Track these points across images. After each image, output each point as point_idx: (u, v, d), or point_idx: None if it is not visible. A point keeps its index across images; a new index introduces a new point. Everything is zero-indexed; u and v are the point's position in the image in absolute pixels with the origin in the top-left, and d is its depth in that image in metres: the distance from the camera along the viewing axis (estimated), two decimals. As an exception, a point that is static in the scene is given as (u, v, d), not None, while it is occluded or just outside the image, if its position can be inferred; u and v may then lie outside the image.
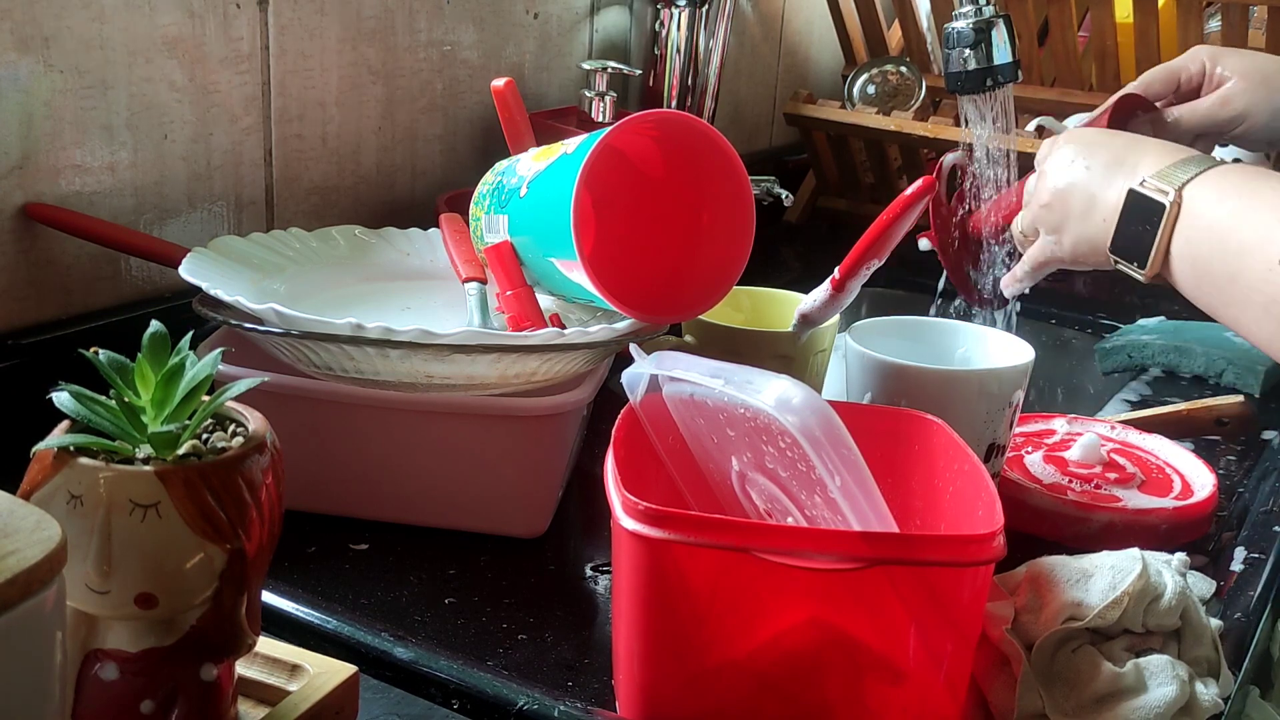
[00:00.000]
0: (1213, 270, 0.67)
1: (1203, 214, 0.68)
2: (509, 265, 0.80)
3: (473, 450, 0.74)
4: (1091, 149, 0.78)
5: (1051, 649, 0.59)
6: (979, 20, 0.94)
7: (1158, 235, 0.70)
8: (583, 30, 1.24)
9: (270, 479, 0.45)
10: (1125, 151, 0.76)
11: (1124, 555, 0.62)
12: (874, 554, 0.52)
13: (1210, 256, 0.68)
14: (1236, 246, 0.66)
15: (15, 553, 0.36)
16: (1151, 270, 0.71)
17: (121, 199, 0.84)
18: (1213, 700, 0.58)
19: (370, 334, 0.68)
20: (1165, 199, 0.70)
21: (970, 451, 0.63)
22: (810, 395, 0.53)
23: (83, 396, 0.44)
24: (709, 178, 0.79)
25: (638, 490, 0.53)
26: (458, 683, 0.57)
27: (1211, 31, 1.40)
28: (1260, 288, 0.64)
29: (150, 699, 0.45)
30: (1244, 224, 0.66)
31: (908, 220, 0.75)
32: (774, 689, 0.55)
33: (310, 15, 0.94)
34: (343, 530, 0.76)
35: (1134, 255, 0.72)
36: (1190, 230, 0.69)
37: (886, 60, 1.51)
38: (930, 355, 0.80)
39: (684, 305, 0.79)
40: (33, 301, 0.81)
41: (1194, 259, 0.69)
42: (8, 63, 0.76)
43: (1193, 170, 0.70)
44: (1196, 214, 0.69)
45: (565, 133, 0.91)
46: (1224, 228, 0.67)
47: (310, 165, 0.98)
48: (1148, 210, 0.71)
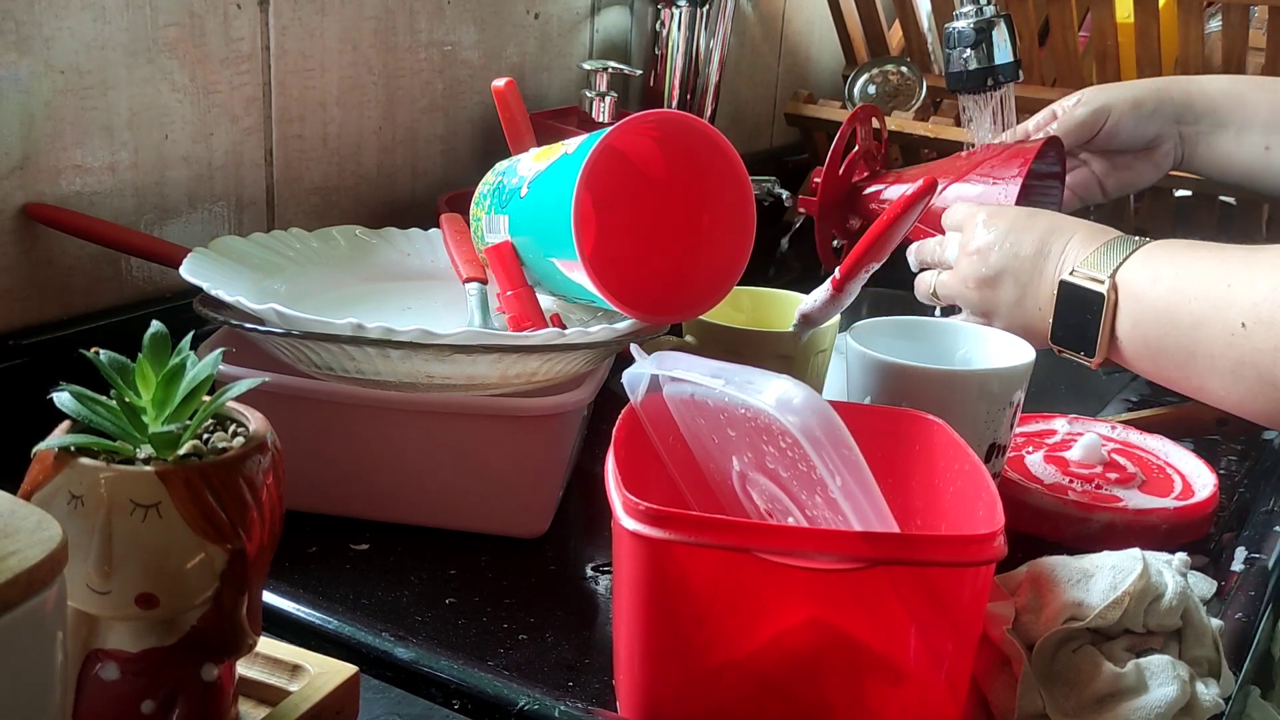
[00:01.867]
0: (1168, 348, 0.68)
1: (1143, 296, 0.69)
2: (510, 265, 0.80)
3: (473, 450, 0.75)
4: (1016, 234, 0.78)
5: (1052, 649, 0.59)
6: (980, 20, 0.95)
7: (1100, 325, 0.71)
8: (583, 30, 1.24)
9: (271, 479, 0.45)
10: (1049, 236, 0.76)
11: (1125, 555, 0.62)
12: (875, 554, 0.52)
13: (1163, 336, 0.68)
14: (1189, 321, 0.66)
15: (16, 553, 0.36)
16: (1099, 358, 0.72)
17: (122, 199, 0.85)
18: (1214, 700, 0.58)
19: (371, 334, 0.68)
20: (1101, 288, 0.71)
21: (971, 452, 0.63)
22: (811, 395, 0.53)
23: (83, 397, 0.44)
24: (710, 178, 0.79)
25: (638, 490, 0.53)
26: (458, 683, 0.57)
27: (1212, 31, 1.40)
28: (1225, 353, 0.64)
29: (151, 699, 0.45)
30: (1190, 298, 0.66)
31: (908, 221, 0.75)
32: (775, 689, 0.55)
33: (311, 15, 0.94)
34: (343, 530, 0.76)
35: (1079, 345, 0.73)
36: (1135, 314, 0.70)
37: (887, 60, 1.51)
38: (931, 355, 0.80)
39: (685, 305, 0.79)
40: (33, 302, 0.81)
41: (1145, 340, 0.70)
42: (8, 63, 0.76)
43: (1122, 253, 0.71)
44: (1137, 297, 0.69)
45: (566, 133, 0.91)
46: (1170, 305, 0.68)
47: (311, 165, 0.98)
48: (1085, 301, 0.71)
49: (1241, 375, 0.64)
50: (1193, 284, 0.67)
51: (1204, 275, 0.67)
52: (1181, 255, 0.70)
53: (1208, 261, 0.67)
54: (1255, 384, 0.64)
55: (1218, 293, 0.65)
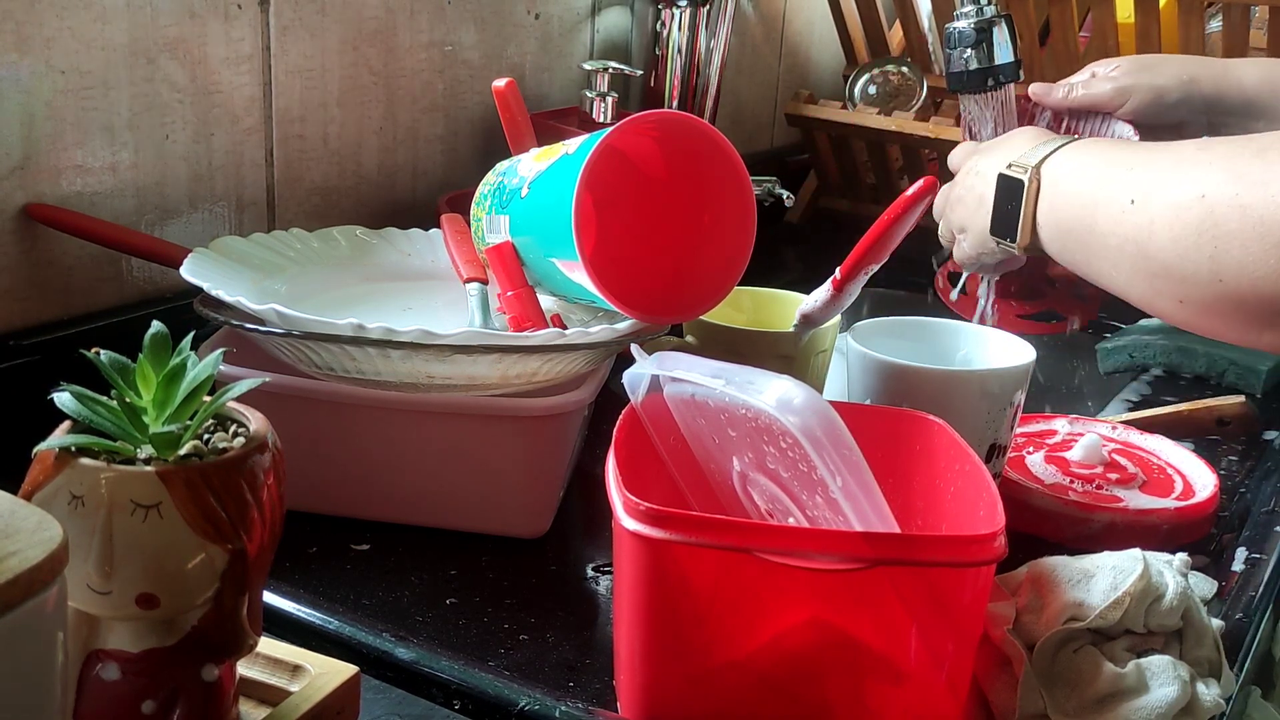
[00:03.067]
0: (1074, 229, 0.73)
1: (1059, 181, 0.75)
2: (510, 266, 0.80)
3: (474, 451, 0.74)
4: (986, 154, 0.84)
5: (1053, 649, 0.59)
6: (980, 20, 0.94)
7: (1021, 208, 0.76)
8: (584, 31, 1.24)
9: (271, 479, 0.45)
10: (1004, 146, 0.83)
11: (1125, 555, 0.62)
12: (875, 554, 0.52)
13: (1070, 216, 0.73)
14: (1091, 200, 0.71)
15: (17, 553, 0.36)
16: (1021, 241, 0.77)
17: (123, 199, 0.85)
18: (1214, 701, 0.58)
19: (371, 334, 0.68)
20: (1024, 175, 0.76)
21: (971, 452, 0.63)
22: (811, 395, 0.53)
23: (84, 397, 0.44)
24: (710, 178, 0.78)
25: (639, 490, 0.53)
26: (459, 683, 0.57)
27: (1213, 31, 1.40)
28: (1114, 230, 0.68)
29: (151, 699, 0.45)
30: (1098, 182, 0.71)
31: (909, 221, 0.75)
32: (775, 689, 0.55)
33: (311, 16, 0.94)
34: (344, 531, 0.76)
35: (1007, 232, 0.78)
36: (1051, 199, 0.75)
37: (888, 60, 1.51)
38: (931, 356, 0.80)
39: (685, 305, 0.79)
40: (34, 302, 0.81)
41: (1057, 223, 0.75)
42: (9, 63, 0.76)
43: (1050, 148, 0.77)
44: (1054, 182, 0.75)
45: (566, 133, 0.91)
46: (1080, 190, 0.73)
47: (311, 166, 0.98)
48: (1013, 189, 0.77)
49: (1124, 251, 0.67)
50: (1102, 170, 0.71)
51: (1114, 162, 0.71)
52: (1103, 148, 0.74)
53: (1124, 152, 0.72)
54: (1135, 259, 0.67)
55: (1120, 175, 0.69)
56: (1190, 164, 0.64)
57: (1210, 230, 0.61)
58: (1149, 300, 0.68)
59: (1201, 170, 0.63)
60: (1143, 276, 0.67)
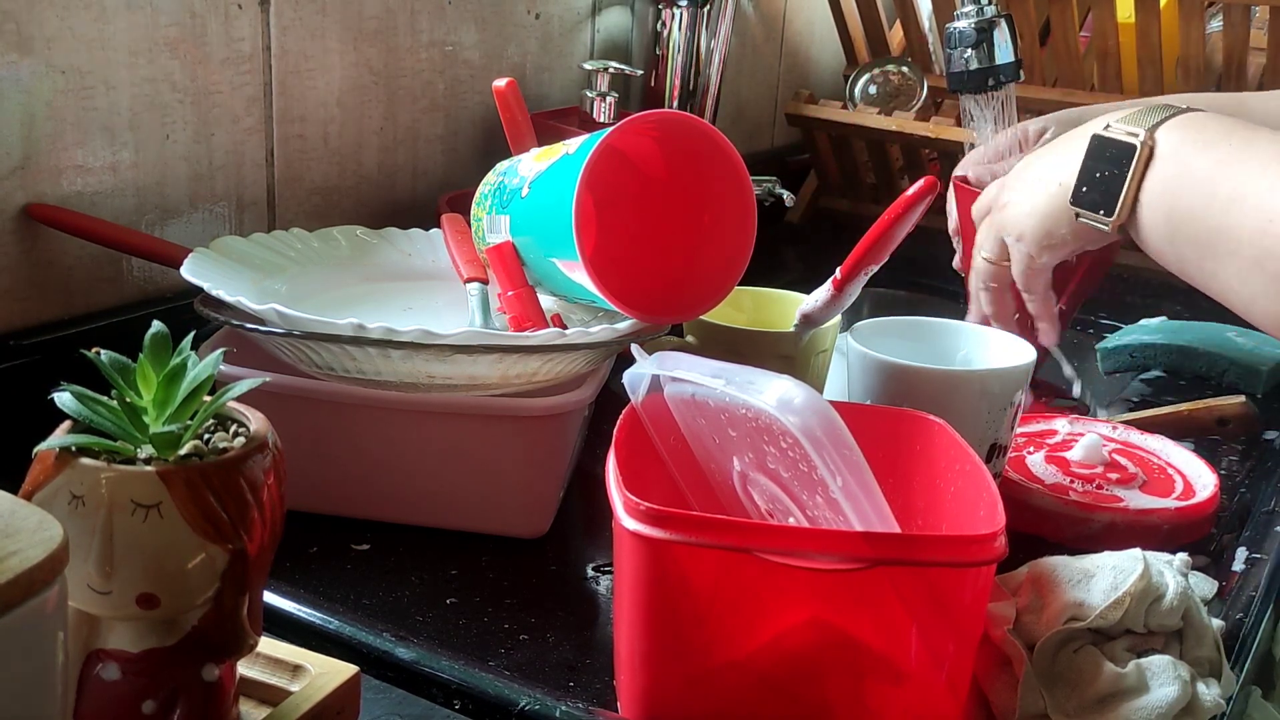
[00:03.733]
0: (1195, 219, 0.62)
1: (1184, 159, 0.63)
2: (510, 265, 0.80)
3: (474, 451, 0.75)
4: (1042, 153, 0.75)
5: (1053, 649, 0.59)
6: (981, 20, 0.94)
7: (1128, 178, 0.65)
8: (584, 30, 1.24)
9: (272, 479, 0.45)
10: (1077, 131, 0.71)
11: (1126, 555, 0.62)
12: (876, 554, 0.52)
13: (1193, 205, 0.62)
14: (1227, 195, 0.60)
15: (17, 553, 0.36)
16: (1119, 218, 0.66)
17: (123, 199, 0.85)
18: (1215, 701, 0.58)
19: (372, 334, 0.68)
20: (1135, 140, 0.65)
21: (972, 452, 0.63)
22: (812, 395, 0.53)
23: (84, 397, 0.44)
24: (710, 178, 0.79)
25: (639, 490, 0.53)
26: (459, 683, 0.57)
27: (1213, 32, 1.40)
28: (1255, 240, 0.59)
29: (152, 699, 0.45)
30: (1237, 173, 0.60)
31: (909, 221, 0.75)
32: (775, 689, 0.55)
33: (312, 15, 0.94)
34: (344, 530, 0.76)
35: (1099, 204, 0.67)
36: (1166, 176, 0.64)
37: (888, 60, 1.51)
38: (932, 355, 0.80)
39: (685, 305, 0.79)
40: (34, 302, 0.81)
41: (1171, 207, 0.64)
42: (9, 63, 0.76)
43: (1164, 114, 0.66)
44: (1175, 158, 0.64)
45: (567, 133, 0.91)
46: (1210, 176, 0.62)
47: (312, 165, 0.98)
48: (1116, 153, 0.65)
49: (1264, 266, 0.58)
50: (1241, 160, 0.60)
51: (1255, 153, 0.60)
52: (1238, 129, 0.63)
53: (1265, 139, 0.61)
54: (1275, 279, 0.58)
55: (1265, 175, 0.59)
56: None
57: None
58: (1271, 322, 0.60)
59: None
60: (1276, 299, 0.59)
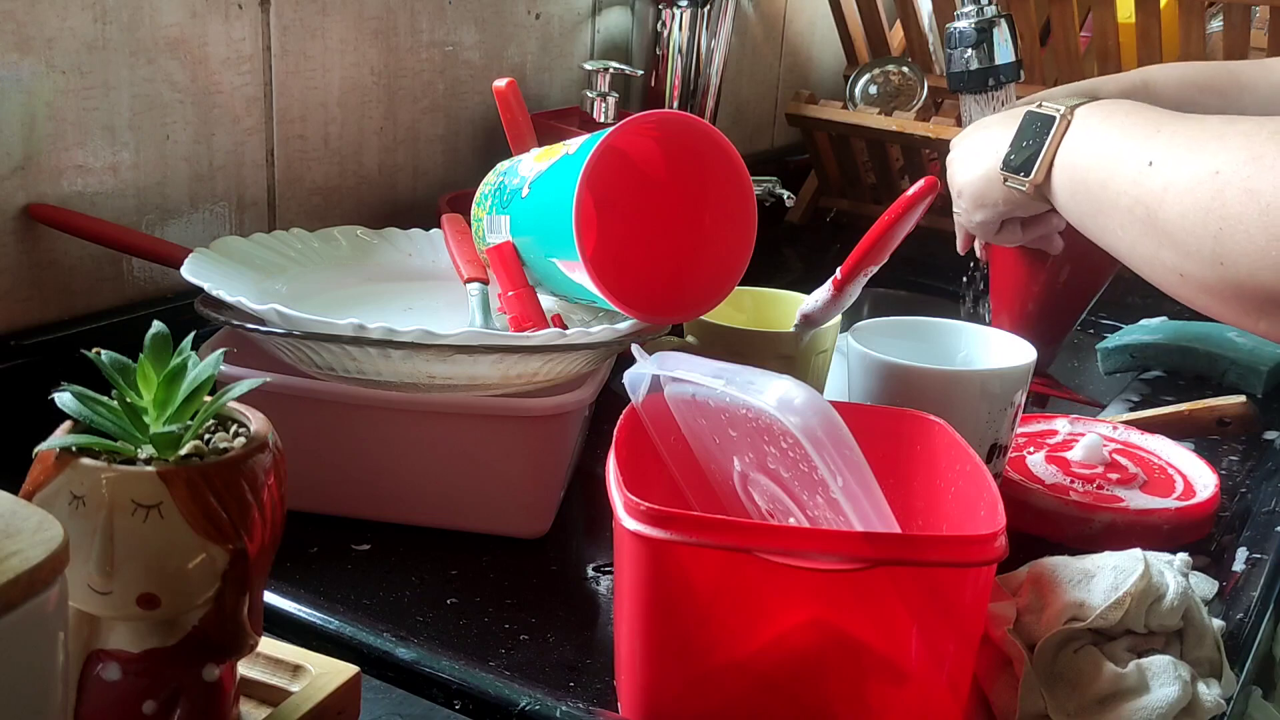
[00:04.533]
0: (1088, 178, 0.72)
1: (1089, 127, 0.73)
2: (511, 266, 0.80)
3: (475, 451, 0.75)
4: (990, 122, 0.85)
5: (1054, 649, 0.59)
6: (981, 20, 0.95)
7: (1046, 144, 0.75)
8: (584, 31, 1.24)
9: (272, 479, 0.45)
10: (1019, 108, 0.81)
11: (1126, 556, 0.62)
12: (876, 554, 0.52)
13: (1088, 165, 0.72)
14: (1113, 154, 0.70)
15: (18, 553, 0.36)
16: (1036, 178, 0.76)
17: (124, 199, 0.85)
18: (1215, 701, 0.58)
19: (372, 334, 0.68)
20: (1056, 113, 0.75)
21: (972, 452, 0.63)
22: (812, 396, 0.53)
23: (85, 397, 0.44)
24: (711, 178, 0.79)
25: (640, 491, 0.53)
26: (460, 683, 0.57)
27: (1213, 32, 1.40)
28: (1128, 190, 0.67)
29: (152, 699, 0.45)
30: (1125, 137, 0.70)
31: (910, 221, 0.75)
32: (776, 689, 0.55)
33: (312, 15, 0.94)
34: (344, 531, 0.76)
35: (1022, 167, 0.77)
36: (1076, 143, 0.74)
37: (888, 60, 1.51)
38: (932, 356, 0.80)
39: (686, 306, 0.79)
40: (35, 302, 0.81)
41: (1073, 166, 0.74)
42: (10, 63, 0.76)
43: (1088, 98, 0.76)
44: (1085, 128, 0.74)
45: (567, 133, 0.91)
46: (1106, 140, 0.71)
47: (312, 166, 0.98)
48: (1041, 125, 0.76)
49: (1134, 214, 0.66)
50: (1133, 127, 0.70)
51: (1145, 121, 0.70)
52: (1142, 110, 0.73)
53: (1156, 116, 0.70)
54: (1144, 223, 0.66)
55: (1147, 134, 0.68)
56: (1213, 136, 0.63)
57: (1219, 210, 0.60)
58: (1149, 268, 0.67)
59: (1220, 144, 0.62)
60: (1148, 243, 0.66)
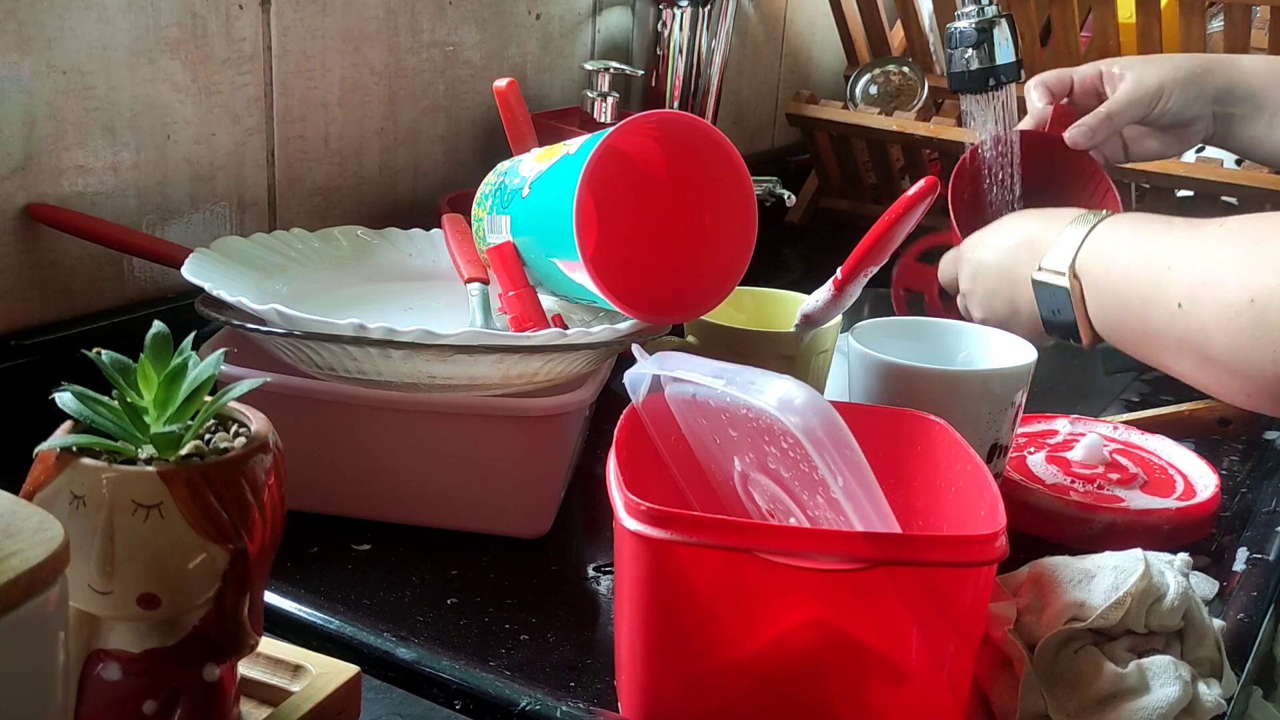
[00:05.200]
0: (1128, 328, 0.73)
1: (1099, 283, 0.74)
2: (511, 266, 0.80)
3: (475, 451, 0.74)
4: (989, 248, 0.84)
5: (1054, 649, 0.59)
6: (981, 20, 0.94)
7: (1075, 315, 0.76)
8: (585, 31, 1.24)
9: (273, 479, 0.45)
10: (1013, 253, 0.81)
11: (1127, 556, 0.62)
12: (876, 554, 0.52)
13: (1121, 318, 0.73)
14: (1138, 302, 0.71)
15: (18, 553, 0.36)
16: (1087, 341, 0.77)
17: (124, 199, 0.85)
18: (1215, 701, 0.58)
19: (373, 334, 0.68)
20: (1064, 280, 0.76)
21: (973, 452, 0.63)
22: (813, 396, 0.53)
23: (85, 397, 0.44)
24: (711, 178, 0.78)
25: (640, 491, 0.53)
26: (460, 683, 0.57)
27: (1214, 32, 1.40)
28: (1169, 331, 0.68)
29: (153, 699, 0.45)
30: (1140, 283, 0.71)
31: (910, 221, 0.75)
32: (776, 689, 0.55)
33: (313, 16, 0.94)
34: (345, 531, 0.76)
35: (1067, 335, 0.78)
36: (1096, 301, 0.75)
37: (889, 60, 1.51)
38: (933, 356, 0.80)
39: (686, 306, 0.79)
40: (35, 302, 0.81)
41: (1109, 323, 0.75)
42: (11, 63, 0.76)
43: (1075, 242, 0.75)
44: (1095, 286, 0.74)
45: (567, 133, 0.91)
46: (1120, 290, 0.73)
47: (313, 166, 0.98)
48: (1056, 297, 0.77)
49: (1184, 352, 0.68)
50: (1138, 267, 0.71)
51: (1147, 258, 0.71)
52: (1129, 240, 0.74)
53: (1151, 244, 0.71)
54: (1196, 359, 0.67)
55: (1159, 275, 0.69)
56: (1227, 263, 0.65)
57: (1267, 333, 0.62)
58: (1217, 391, 0.69)
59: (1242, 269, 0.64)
60: (1207, 374, 0.68)
